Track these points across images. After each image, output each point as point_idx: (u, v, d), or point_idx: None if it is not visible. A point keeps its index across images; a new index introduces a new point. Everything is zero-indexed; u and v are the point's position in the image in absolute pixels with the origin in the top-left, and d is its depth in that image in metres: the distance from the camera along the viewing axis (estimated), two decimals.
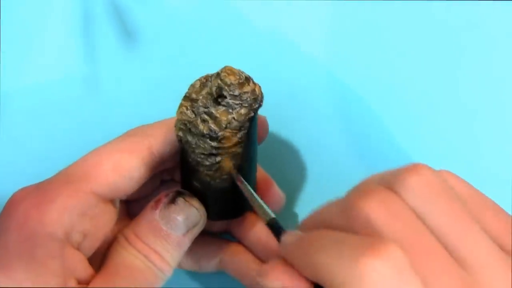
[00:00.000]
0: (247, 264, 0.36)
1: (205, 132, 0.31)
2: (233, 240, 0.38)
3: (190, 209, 0.33)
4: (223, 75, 0.31)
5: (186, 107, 0.32)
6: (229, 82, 0.31)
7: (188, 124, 0.32)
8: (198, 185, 0.33)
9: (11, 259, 0.29)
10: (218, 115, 0.31)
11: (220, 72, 0.31)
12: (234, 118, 0.31)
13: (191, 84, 0.32)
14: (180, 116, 0.32)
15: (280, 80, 0.41)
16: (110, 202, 0.32)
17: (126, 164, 0.32)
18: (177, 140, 0.32)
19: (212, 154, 0.31)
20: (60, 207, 0.30)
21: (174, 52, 0.42)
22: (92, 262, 0.32)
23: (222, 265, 0.37)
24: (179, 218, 0.32)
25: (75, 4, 0.42)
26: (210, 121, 0.31)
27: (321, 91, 0.41)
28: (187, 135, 0.32)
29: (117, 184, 0.32)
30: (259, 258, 0.36)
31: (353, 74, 0.41)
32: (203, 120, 0.31)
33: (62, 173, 0.32)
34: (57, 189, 0.31)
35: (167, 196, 0.33)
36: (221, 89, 0.31)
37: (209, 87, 0.31)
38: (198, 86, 0.32)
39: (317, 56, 0.41)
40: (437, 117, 0.40)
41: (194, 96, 0.32)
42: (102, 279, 0.31)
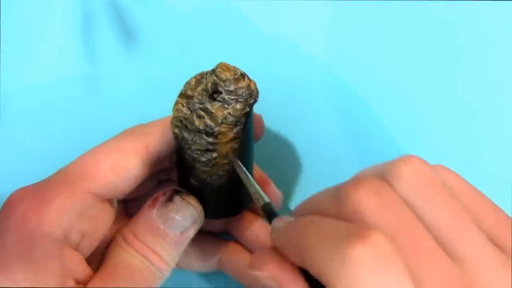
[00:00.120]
0: (245, 263, 0.36)
1: (201, 127, 0.31)
2: (231, 240, 0.37)
3: (188, 208, 0.33)
4: (218, 71, 0.31)
5: (182, 104, 0.32)
6: (225, 78, 0.31)
7: (184, 121, 0.32)
8: (195, 182, 0.33)
9: (10, 260, 0.29)
10: (213, 111, 0.31)
11: (215, 68, 0.31)
12: (230, 113, 0.31)
13: (187, 82, 0.32)
14: (176, 113, 0.32)
15: (280, 80, 0.41)
16: (108, 201, 0.32)
17: (123, 163, 0.32)
18: (173, 138, 0.32)
19: (208, 150, 0.31)
20: (58, 207, 0.30)
21: (174, 52, 0.42)
22: (90, 262, 0.32)
23: (220, 265, 0.37)
24: (176, 217, 0.32)
25: (75, 4, 0.42)
26: (206, 117, 0.31)
27: (320, 91, 0.41)
28: (183, 131, 0.32)
29: (115, 184, 0.32)
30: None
31: (352, 74, 0.40)
32: (199, 116, 0.31)
33: (59, 173, 0.32)
34: (55, 190, 0.31)
35: (164, 194, 0.33)
36: (216, 85, 0.31)
37: (205, 84, 0.32)
38: (194, 83, 0.32)
39: (316, 55, 0.41)
40: (437, 116, 0.40)
41: (190, 93, 0.32)
42: (100, 279, 0.31)
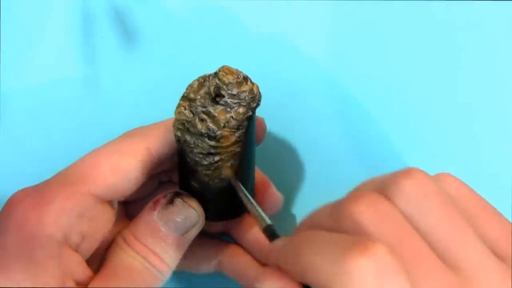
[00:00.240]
0: (245, 265, 0.36)
1: (204, 131, 0.31)
2: (231, 242, 0.38)
3: (188, 210, 0.33)
4: (221, 74, 0.31)
5: (184, 107, 0.32)
6: (227, 81, 0.31)
7: (186, 124, 0.32)
8: (197, 185, 0.33)
9: (10, 260, 0.29)
10: (216, 114, 0.31)
11: (218, 71, 0.31)
12: (233, 117, 0.31)
13: (189, 84, 0.32)
14: (178, 116, 0.32)
15: (280, 81, 0.40)
16: (108, 203, 0.32)
17: (124, 165, 0.32)
18: (175, 141, 0.32)
19: (210, 154, 0.31)
20: (58, 208, 0.30)
21: (174, 52, 0.42)
22: (90, 263, 0.32)
23: (221, 267, 0.37)
24: (177, 219, 0.32)
25: (75, 4, 0.42)
26: (208, 120, 0.31)
27: (320, 92, 0.40)
28: (185, 134, 0.32)
29: (115, 185, 0.32)
30: (257, 259, 0.36)
31: (352, 75, 0.40)
32: (201, 120, 0.31)
33: (60, 175, 0.32)
34: (55, 191, 0.31)
35: (165, 197, 0.33)
36: (219, 89, 0.31)
37: (207, 87, 0.31)
38: (196, 86, 0.32)
39: (316, 57, 0.41)
40: (437, 118, 0.40)
41: (192, 96, 0.32)
42: (100, 280, 0.31)
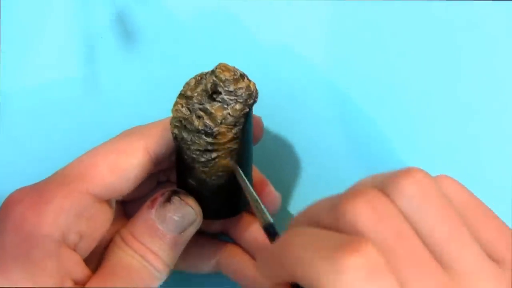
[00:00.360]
0: (244, 265, 0.36)
1: (200, 128, 0.31)
2: (230, 241, 0.37)
3: (186, 208, 0.33)
4: (218, 71, 0.31)
5: (181, 105, 0.32)
6: (224, 78, 0.31)
7: (183, 121, 0.32)
8: (194, 183, 0.33)
9: (8, 260, 0.30)
10: (213, 111, 0.31)
11: (215, 69, 0.32)
12: (229, 113, 0.31)
13: (186, 82, 0.32)
14: (175, 113, 0.32)
15: (278, 81, 0.40)
16: (106, 202, 0.32)
17: (122, 164, 0.32)
18: (172, 138, 0.32)
19: (207, 150, 0.31)
20: (56, 208, 0.30)
21: (174, 52, 0.42)
22: (88, 262, 0.32)
23: (219, 266, 0.37)
24: (175, 217, 0.32)
25: (75, 4, 0.42)
26: (205, 117, 0.31)
27: (319, 92, 0.40)
28: (182, 132, 0.32)
29: (113, 185, 0.32)
30: (255, 259, 0.36)
31: (351, 76, 0.40)
32: (198, 116, 0.31)
33: (58, 174, 0.32)
34: (53, 190, 0.31)
35: (162, 195, 0.33)
36: (216, 85, 0.31)
37: (204, 84, 0.32)
38: (193, 83, 0.32)
39: (315, 57, 0.41)
40: (437, 119, 0.39)
41: (189, 93, 0.32)
42: (98, 279, 0.32)
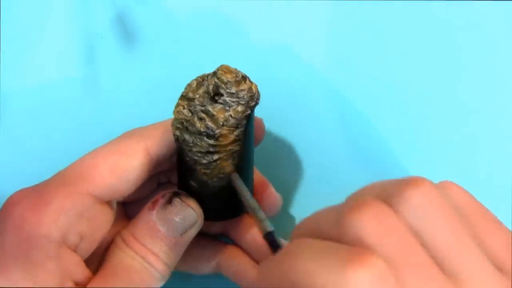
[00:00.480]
0: (244, 266, 0.36)
1: (202, 130, 0.31)
2: (230, 243, 0.37)
3: (187, 210, 0.33)
4: (219, 73, 0.31)
5: (183, 106, 0.32)
6: (226, 80, 0.31)
7: (185, 123, 0.32)
8: (195, 184, 0.33)
9: (8, 260, 0.30)
10: (215, 113, 0.31)
11: (216, 70, 0.32)
12: (231, 115, 0.31)
13: (188, 84, 0.32)
14: (177, 115, 0.32)
15: (279, 82, 0.40)
16: (107, 203, 0.32)
17: (123, 165, 0.32)
18: (174, 140, 0.32)
19: (209, 152, 0.31)
20: (57, 208, 0.30)
21: (174, 53, 0.42)
22: (89, 264, 0.32)
23: (220, 268, 0.37)
24: (176, 219, 0.32)
25: (75, 4, 0.42)
26: (207, 119, 0.31)
27: (319, 93, 0.40)
28: (184, 133, 0.32)
29: (114, 186, 0.32)
30: (256, 260, 0.36)
31: (351, 76, 0.40)
32: (200, 118, 0.31)
33: (59, 175, 0.32)
34: (53, 191, 0.31)
35: (163, 197, 0.33)
36: (218, 87, 0.31)
37: (206, 86, 0.32)
38: (195, 85, 0.32)
39: (315, 58, 0.41)
40: (437, 120, 0.39)
41: (191, 95, 0.32)
42: (99, 280, 0.32)
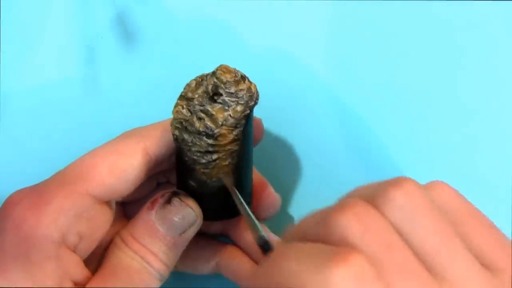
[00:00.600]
0: (244, 267, 0.36)
1: (201, 129, 0.31)
2: (230, 243, 0.37)
3: (186, 209, 0.33)
4: (219, 73, 0.31)
5: (182, 106, 0.32)
6: (225, 80, 0.31)
7: (184, 123, 0.32)
8: (195, 184, 0.33)
9: (7, 260, 0.30)
10: (214, 113, 0.31)
11: (216, 70, 0.32)
12: (230, 115, 0.31)
13: (187, 84, 0.32)
14: (176, 115, 0.32)
15: (278, 82, 0.40)
16: (106, 203, 0.32)
17: (122, 165, 0.32)
18: (173, 140, 0.32)
19: (208, 152, 0.31)
20: (56, 208, 0.30)
21: (174, 53, 0.42)
22: (88, 264, 0.32)
23: (219, 268, 0.37)
24: (175, 219, 0.32)
25: (75, 4, 0.42)
26: (206, 119, 0.31)
27: (319, 94, 0.40)
28: (183, 133, 0.32)
29: (113, 186, 0.32)
30: (255, 260, 0.36)
31: (351, 77, 0.40)
32: (199, 118, 0.31)
33: (58, 175, 0.32)
34: (53, 191, 0.31)
35: (163, 196, 0.33)
36: (217, 87, 0.31)
37: (205, 86, 0.32)
38: (194, 85, 0.32)
39: (315, 58, 0.40)
40: (436, 121, 0.39)
41: (190, 95, 0.32)
42: (98, 280, 0.32)
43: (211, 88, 0.31)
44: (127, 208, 0.36)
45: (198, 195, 0.33)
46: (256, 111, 0.32)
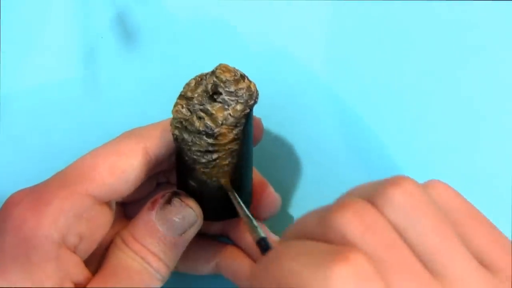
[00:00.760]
0: (244, 267, 0.36)
1: (201, 129, 0.31)
2: (230, 243, 0.37)
3: (186, 210, 0.33)
4: (218, 72, 0.31)
5: (182, 106, 0.32)
6: (225, 79, 0.31)
7: (184, 122, 0.32)
8: (195, 184, 0.33)
9: (7, 261, 0.30)
10: (214, 112, 0.31)
11: (215, 69, 0.32)
12: (230, 114, 0.31)
13: (186, 83, 0.32)
14: (175, 114, 0.32)
15: (278, 82, 0.40)
16: (106, 204, 0.32)
17: (122, 166, 0.32)
18: (172, 140, 0.32)
19: (208, 151, 0.31)
20: (56, 209, 0.30)
21: (174, 53, 0.42)
22: (88, 264, 0.32)
23: (219, 268, 0.37)
24: (175, 219, 0.32)
25: (75, 4, 0.42)
26: (206, 118, 0.31)
27: (319, 93, 0.40)
28: (183, 133, 0.32)
29: (113, 186, 0.32)
30: (255, 261, 0.36)
31: (351, 77, 0.40)
32: (199, 117, 0.31)
33: (58, 175, 0.32)
34: (53, 192, 0.31)
35: (163, 197, 0.33)
36: (216, 86, 0.31)
37: (204, 85, 0.32)
38: (193, 84, 0.32)
39: (314, 57, 0.40)
40: (437, 119, 0.39)
41: (190, 94, 0.32)
42: (99, 280, 0.31)
43: (211, 87, 0.31)
44: (127, 209, 0.36)
45: (198, 195, 0.33)
46: (256, 110, 0.32)
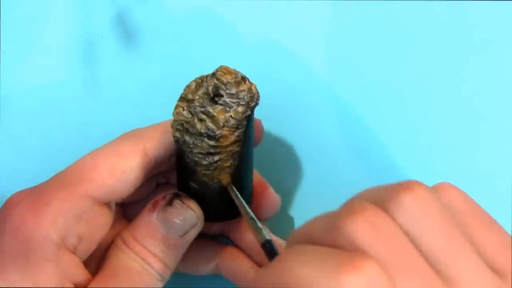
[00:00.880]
0: (244, 268, 0.36)
1: (203, 131, 0.31)
2: (230, 244, 0.37)
3: (187, 211, 0.33)
4: (219, 74, 0.31)
5: (183, 108, 0.32)
6: (226, 81, 0.31)
7: (185, 124, 0.32)
8: (196, 186, 0.33)
9: (6, 262, 0.30)
10: (215, 114, 0.31)
11: (216, 71, 0.31)
12: (232, 116, 0.31)
13: (187, 85, 0.32)
14: (176, 116, 0.32)
15: (278, 82, 0.40)
16: (105, 205, 0.32)
17: (121, 167, 0.32)
18: (173, 142, 0.32)
19: (210, 153, 0.31)
20: (55, 210, 0.30)
21: (174, 53, 0.42)
22: (88, 265, 0.32)
23: (219, 269, 0.37)
24: (176, 221, 0.32)
25: (75, 4, 0.42)
26: (207, 120, 0.31)
27: (319, 94, 0.40)
28: (184, 135, 0.32)
29: (112, 187, 0.32)
30: (256, 261, 0.36)
31: (351, 77, 0.40)
32: (200, 120, 0.31)
33: (57, 176, 0.32)
34: (52, 193, 0.31)
35: (164, 198, 0.33)
36: (217, 88, 0.31)
37: (205, 87, 0.32)
38: (194, 86, 0.32)
39: (315, 58, 0.40)
40: (438, 121, 0.39)
41: (190, 96, 0.32)
42: (100, 281, 0.32)
43: (212, 89, 0.31)
44: (127, 209, 0.36)
45: (199, 197, 0.33)
46: (256, 111, 0.32)
